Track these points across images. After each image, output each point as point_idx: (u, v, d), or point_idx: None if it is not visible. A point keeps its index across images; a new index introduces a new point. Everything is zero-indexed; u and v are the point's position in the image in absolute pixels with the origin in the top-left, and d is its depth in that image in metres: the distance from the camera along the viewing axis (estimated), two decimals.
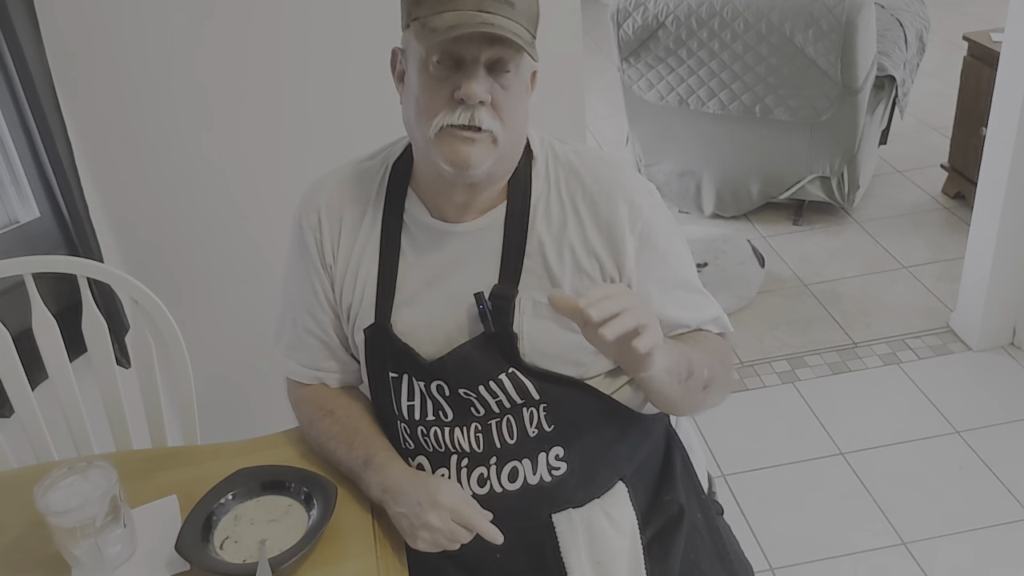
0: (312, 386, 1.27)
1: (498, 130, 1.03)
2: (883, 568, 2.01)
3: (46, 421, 1.55)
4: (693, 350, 1.14)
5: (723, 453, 2.37)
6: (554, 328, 1.12)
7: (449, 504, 1.06)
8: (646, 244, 1.13)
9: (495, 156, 1.05)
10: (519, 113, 1.06)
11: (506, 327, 1.11)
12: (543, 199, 1.13)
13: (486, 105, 1.01)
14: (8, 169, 1.75)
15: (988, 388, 2.52)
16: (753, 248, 3.03)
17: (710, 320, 1.23)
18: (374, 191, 1.18)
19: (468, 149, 1.02)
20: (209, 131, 1.91)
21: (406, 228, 1.16)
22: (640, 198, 1.13)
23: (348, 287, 1.18)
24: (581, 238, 1.12)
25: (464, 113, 1.01)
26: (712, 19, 3.04)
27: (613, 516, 1.17)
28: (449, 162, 1.03)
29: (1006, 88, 2.37)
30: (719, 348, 1.22)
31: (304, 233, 1.19)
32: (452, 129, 1.02)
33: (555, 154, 1.16)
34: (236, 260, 2.06)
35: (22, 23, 1.61)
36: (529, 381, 1.13)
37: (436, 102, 1.02)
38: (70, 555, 1.07)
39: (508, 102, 1.03)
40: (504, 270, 1.12)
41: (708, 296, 1.24)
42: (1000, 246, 2.51)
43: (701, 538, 1.23)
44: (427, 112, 1.03)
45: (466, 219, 1.13)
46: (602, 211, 1.12)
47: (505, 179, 1.13)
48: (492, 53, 1.00)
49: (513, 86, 1.03)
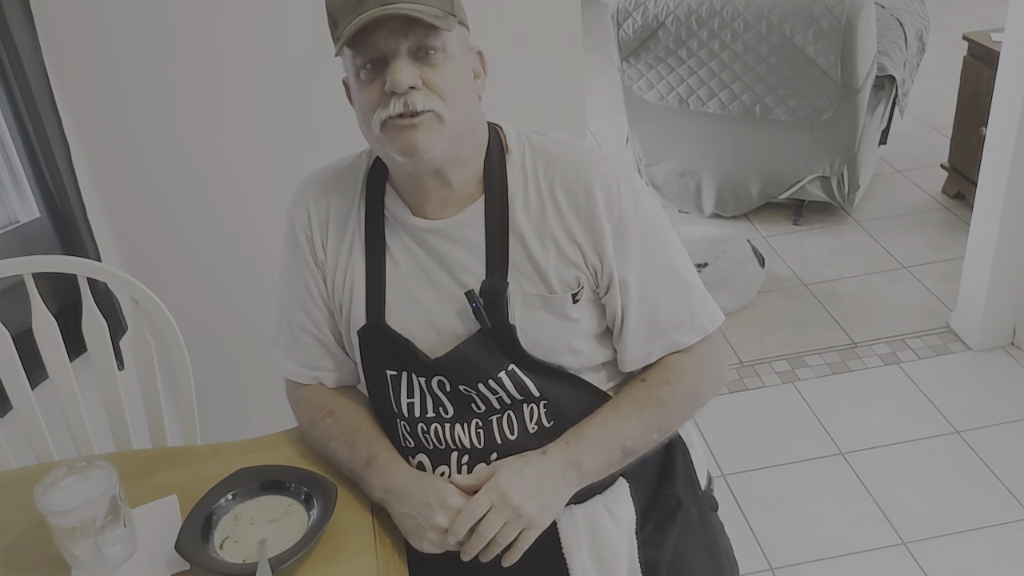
0: (311, 387, 1.27)
1: (439, 107, 1.04)
2: (883, 568, 2.01)
3: (46, 421, 1.55)
4: (620, 423, 1.13)
5: (723, 453, 2.37)
6: (547, 317, 1.13)
7: (458, 506, 1.07)
8: (624, 232, 1.12)
9: (446, 135, 1.05)
10: (460, 88, 1.06)
11: (503, 320, 1.11)
12: (520, 190, 1.13)
13: (418, 89, 1.03)
14: (8, 169, 1.75)
15: (988, 388, 2.52)
16: (753, 248, 3.03)
17: (692, 324, 1.19)
18: (359, 188, 1.19)
19: (414, 134, 1.03)
20: (208, 130, 1.91)
21: (390, 226, 1.17)
22: (618, 184, 1.12)
23: (338, 285, 1.19)
24: (561, 227, 1.12)
25: (397, 102, 1.02)
26: (712, 19, 3.04)
27: (614, 512, 1.17)
28: (400, 152, 1.05)
29: (1006, 88, 2.37)
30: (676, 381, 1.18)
31: (295, 231, 1.20)
32: (392, 121, 1.03)
33: (532, 145, 1.16)
34: (236, 260, 2.06)
35: (18, 23, 1.61)
36: (528, 378, 1.13)
37: (372, 100, 1.04)
38: (70, 555, 1.07)
39: (443, 79, 1.04)
40: (490, 264, 1.12)
41: (697, 286, 1.21)
42: (1000, 246, 2.51)
43: (693, 530, 1.24)
44: (367, 112, 1.06)
45: (447, 215, 1.13)
46: (580, 199, 1.12)
47: (474, 163, 1.13)
48: (411, 41, 1.02)
49: (444, 65, 1.04)
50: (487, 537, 1.05)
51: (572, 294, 1.13)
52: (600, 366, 1.20)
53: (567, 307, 1.13)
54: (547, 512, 1.08)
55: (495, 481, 1.07)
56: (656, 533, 1.21)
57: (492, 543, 1.06)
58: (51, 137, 1.69)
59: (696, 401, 1.20)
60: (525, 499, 1.06)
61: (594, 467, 1.12)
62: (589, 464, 1.11)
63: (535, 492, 1.07)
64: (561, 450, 1.11)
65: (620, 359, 1.20)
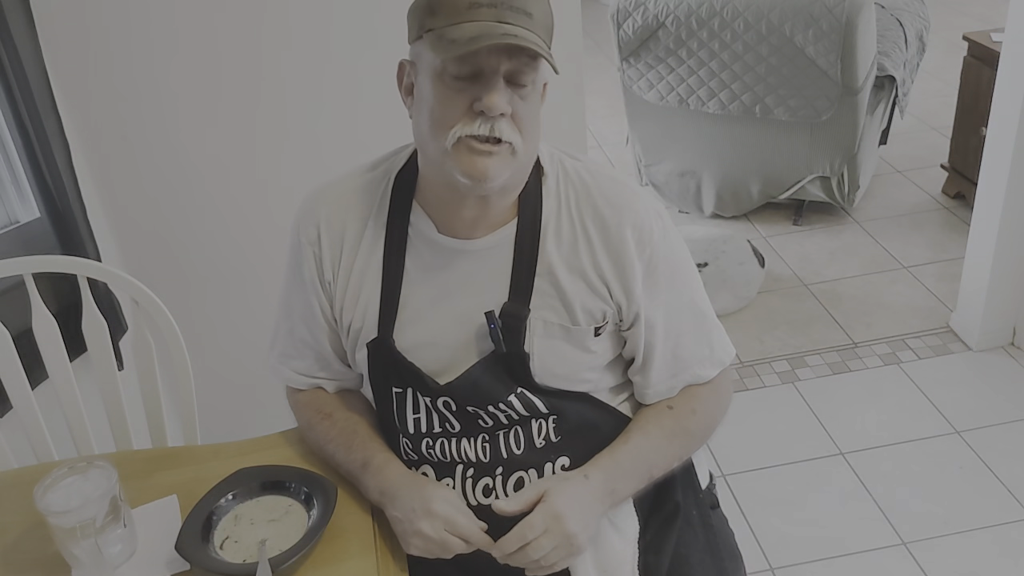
0: (310, 390, 1.27)
1: (518, 142, 1.01)
2: (883, 568, 2.01)
3: (46, 421, 1.55)
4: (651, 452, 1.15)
5: (723, 453, 2.37)
6: (566, 348, 1.12)
7: (443, 514, 1.06)
8: (654, 270, 1.13)
9: (512, 168, 1.03)
10: (536, 125, 1.05)
11: (518, 347, 1.10)
12: (554, 217, 1.11)
13: (506, 117, 0.99)
14: (8, 169, 1.75)
15: (988, 388, 2.52)
16: (753, 248, 3.03)
17: (711, 358, 1.21)
18: (376, 204, 1.15)
19: (487, 161, 1.00)
20: (207, 130, 1.91)
21: (411, 243, 1.13)
22: (650, 222, 1.12)
23: (349, 306, 1.16)
24: (591, 260, 1.11)
25: (484, 124, 0.98)
26: (712, 19, 3.04)
27: (617, 524, 1.17)
28: (466, 174, 1.01)
29: (1006, 88, 2.37)
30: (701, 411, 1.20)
31: (302, 248, 1.16)
32: (470, 140, 0.99)
33: (565, 171, 1.14)
34: (236, 260, 2.06)
35: (18, 23, 1.61)
36: (538, 399, 1.13)
37: (453, 113, 0.99)
38: (70, 555, 1.07)
39: (528, 114, 1.02)
40: (514, 289, 1.10)
41: (713, 319, 1.22)
42: (1000, 246, 2.51)
43: (694, 533, 1.23)
44: (444, 123, 1.00)
45: (476, 235, 1.11)
46: (612, 235, 1.10)
47: (516, 192, 1.11)
48: (511, 65, 0.98)
49: (531, 98, 1.02)
50: (533, 559, 1.04)
51: (595, 327, 1.12)
52: (609, 389, 1.21)
53: (588, 340, 1.12)
54: (589, 538, 1.08)
55: (551, 505, 1.05)
56: (656, 539, 1.20)
57: (536, 565, 1.05)
58: (51, 137, 1.68)
59: (713, 429, 1.23)
60: (579, 528, 1.05)
61: (626, 494, 1.13)
62: (623, 491, 1.13)
63: (588, 521, 1.07)
64: (602, 475, 1.11)
65: (641, 392, 1.20)
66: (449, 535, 1.05)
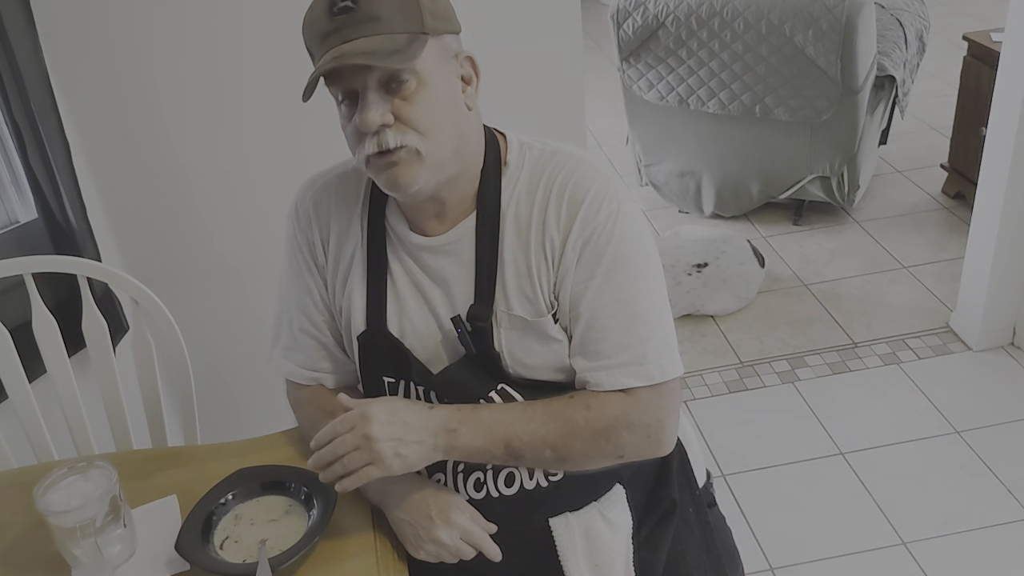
0: (311, 388, 1.27)
1: (413, 141, 1.01)
2: (883, 568, 2.01)
3: (45, 419, 1.55)
4: (520, 422, 1.07)
5: (723, 453, 2.37)
6: (530, 340, 1.11)
7: (461, 523, 1.08)
8: (591, 251, 1.07)
9: (427, 167, 1.02)
10: (438, 115, 1.02)
11: (488, 348, 1.10)
12: (512, 206, 1.10)
13: (390, 125, 1.00)
14: (8, 170, 1.75)
15: (988, 388, 2.52)
16: (753, 248, 3.03)
17: (639, 370, 1.08)
18: (360, 199, 1.18)
19: (394, 171, 1.02)
20: (207, 130, 1.91)
21: (390, 239, 1.16)
22: (601, 202, 1.07)
23: (339, 289, 1.19)
24: (545, 239, 1.08)
25: (371, 141, 1.00)
26: (712, 19, 3.04)
27: (610, 519, 1.17)
28: (385, 187, 1.06)
29: (1006, 88, 2.37)
30: (597, 410, 1.08)
31: (296, 234, 1.20)
32: (372, 158, 1.02)
33: (532, 157, 1.12)
34: (235, 259, 2.06)
35: (18, 23, 1.61)
36: (519, 394, 1.13)
37: (353, 138, 1.04)
38: (70, 555, 1.07)
39: (416, 112, 1.00)
40: (478, 287, 1.10)
41: (661, 331, 1.10)
42: (1000, 246, 2.51)
43: (690, 531, 1.23)
44: (352, 147, 1.05)
45: (442, 231, 1.12)
46: (563, 209, 1.08)
47: (468, 178, 1.10)
48: (378, 74, 0.99)
49: (417, 94, 1.00)
50: (336, 454, 1.04)
51: (553, 313, 1.10)
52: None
53: (549, 327, 1.10)
54: (400, 459, 1.04)
55: (367, 406, 1.05)
56: (652, 536, 1.20)
57: (338, 463, 1.04)
58: (51, 137, 1.68)
59: (609, 443, 1.08)
60: (384, 436, 1.03)
61: (467, 447, 1.07)
62: (464, 440, 1.06)
63: (397, 434, 1.04)
64: (447, 413, 1.08)
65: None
66: (463, 543, 1.08)
